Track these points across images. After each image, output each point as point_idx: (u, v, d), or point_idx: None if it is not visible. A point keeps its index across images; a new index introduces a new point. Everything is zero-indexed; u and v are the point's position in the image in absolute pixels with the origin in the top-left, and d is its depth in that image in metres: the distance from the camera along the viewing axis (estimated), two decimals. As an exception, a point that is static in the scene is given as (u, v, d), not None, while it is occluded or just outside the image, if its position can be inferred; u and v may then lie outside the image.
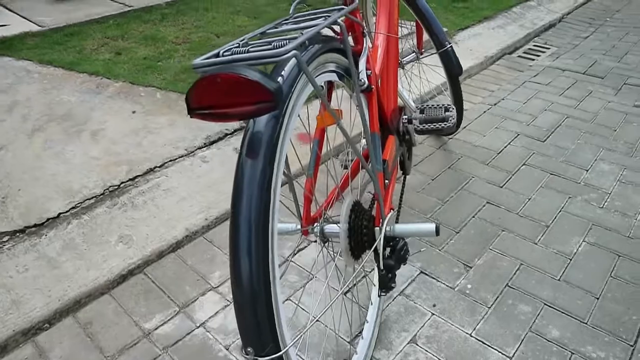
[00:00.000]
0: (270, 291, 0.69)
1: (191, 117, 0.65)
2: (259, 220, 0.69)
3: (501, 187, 1.78)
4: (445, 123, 1.29)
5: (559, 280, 1.38)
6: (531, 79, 2.68)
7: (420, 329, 1.24)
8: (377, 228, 1.01)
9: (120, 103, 2.18)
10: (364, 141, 1.52)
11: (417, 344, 1.20)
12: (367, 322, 1.18)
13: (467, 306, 1.31)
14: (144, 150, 1.85)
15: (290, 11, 0.93)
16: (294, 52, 0.64)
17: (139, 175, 1.72)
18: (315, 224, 1.03)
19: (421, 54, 1.95)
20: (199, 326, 1.26)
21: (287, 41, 0.67)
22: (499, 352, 1.18)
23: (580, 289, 1.35)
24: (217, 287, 1.38)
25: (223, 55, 0.69)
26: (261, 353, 0.68)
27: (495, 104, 2.40)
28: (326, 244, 1.05)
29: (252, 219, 0.69)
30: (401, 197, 1.48)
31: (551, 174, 1.85)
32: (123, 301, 1.33)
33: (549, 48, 3.16)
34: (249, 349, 0.69)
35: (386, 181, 1.13)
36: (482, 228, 1.58)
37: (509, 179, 1.82)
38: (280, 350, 0.69)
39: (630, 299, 1.32)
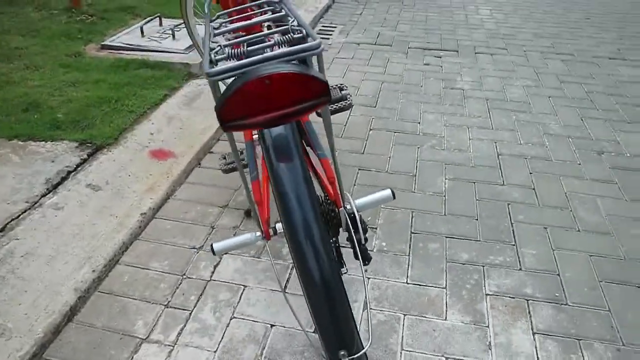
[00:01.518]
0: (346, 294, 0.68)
1: (229, 131, 0.56)
2: (319, 226, 0.66)
3: (362, 153, 1.96)
4: (346, 101, 1.35)
5: (445, 215, 1.62)
6: (337, 56, 2.96)
7: (366, 295, 1.32)
8: (341, 209, 1.02)
9: None
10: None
11: (372, 309, 1.28)
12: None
13: (392, 261, 1.43)
14: (-36, 217, 1.44)
15: (206, 11, 0.86)
16: (323, 45, 0.62)
17: (-25, 249, 1.34)
18: (276, 223, 0.99)
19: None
20: (150, 387, 1.09)
21: (292, 35, 0.63)
22: (435, 287, 1.35)
23: (463, 217, 1.62)
24: (148, 336, 1.20)
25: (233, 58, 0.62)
26: (352, 352, 0.66)
27: (321, 83, 2.58)
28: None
29: (314, 228, 0.64)
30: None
31: (395, 132, 2.11)
32: (34, 402, 1.05)
33: (335, 27, 3.51)
34: (342, 352, 0.66)
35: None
36: (366, 192, 1.72)
37: (365, 145, 2.02)
38: (363, 347, 0.68)
39: (496, 212, 1.64)
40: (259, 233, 1.00)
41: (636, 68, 2.87)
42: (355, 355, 0.67)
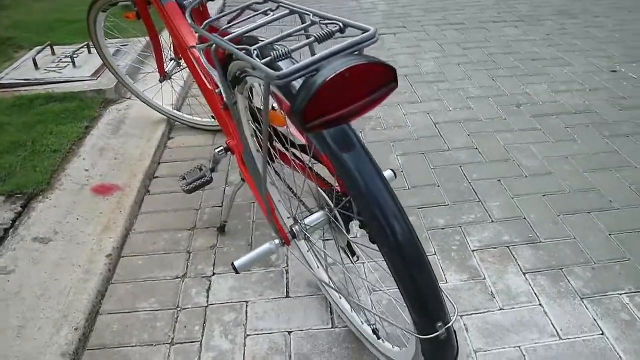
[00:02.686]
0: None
1: (313, 131, 0.54)
2: (401, 208, 0.66)
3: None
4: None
5: (410, 188, 1.70)
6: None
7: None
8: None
9: None
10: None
11: (376, 290, 1.31)
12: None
13: (378, 242, 1.47)
14: None
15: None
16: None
17: None
18: (294, 226, 0.97)
19: (180, 59, 1.88)
20: None
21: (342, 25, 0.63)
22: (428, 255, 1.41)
23: (426, 186, 1.70)
24: (165, 380, 1.11)
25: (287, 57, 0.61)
26: (446, 322, 0.67)
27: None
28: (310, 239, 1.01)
29: (397, 210, 0.65)
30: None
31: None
32: None
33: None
34: (438, 324, 0.67)
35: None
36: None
37: (311, 138, 2.03)
38: (450, 315, 0.70)
39: (452, 176, 1.75)
40: (277, 241, 0.97)
41: (517, 28, 3.20)
42: (449, 324, 0.69)
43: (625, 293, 1.27)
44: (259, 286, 1.34)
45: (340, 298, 1.20)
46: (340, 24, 0.67)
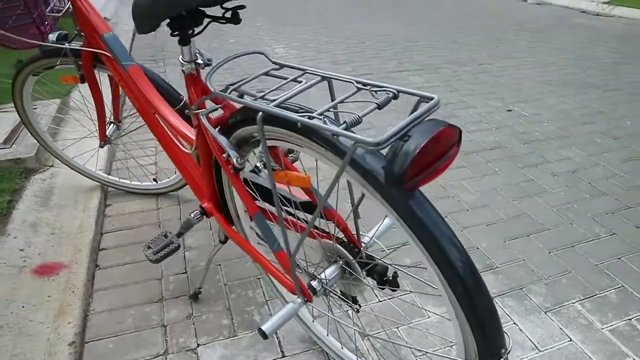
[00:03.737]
0: None
1: (410, 190, 0.58)
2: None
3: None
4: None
5: (371, 231, 1.77)
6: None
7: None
8: (363, 245, 1.05)
9: None
10: None
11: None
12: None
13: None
14: None
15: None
16: None
17: None
18: (315, 281, 0.97)
19: (119, 122, 1.80)
20: None
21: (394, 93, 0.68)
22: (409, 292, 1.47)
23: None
24: None
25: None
26: (506, 348, 0.72)
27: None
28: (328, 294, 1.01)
29: (455, 239, 0.69)
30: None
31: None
32: None
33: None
34: (502, 350, 0.71)
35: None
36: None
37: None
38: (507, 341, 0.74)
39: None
40: (299, 299, 0.97)
41: (420, 76, 3.56)
42: (509, 350, 0.74)
43: (577, 301, 1.45)
44: (250, 350, 1.29)
45: (342, 348, 1.21)
46: (394, 91, 0.73)
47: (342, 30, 5.01)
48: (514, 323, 1.37)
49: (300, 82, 0.83)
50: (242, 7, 0.88)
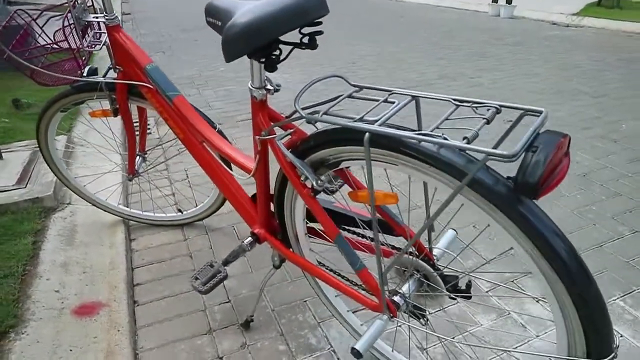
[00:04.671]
0: None
1: (538, 198, 0.61)
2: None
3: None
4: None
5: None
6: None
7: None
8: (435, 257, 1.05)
9: None
10: None
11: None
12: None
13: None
14: None
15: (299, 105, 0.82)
16: None
17: None
18: (397, 296, 0.97)
19: (145, 154, 1.78)
20: None
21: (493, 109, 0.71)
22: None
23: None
24: None
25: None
26: (617, 343, 0.73)
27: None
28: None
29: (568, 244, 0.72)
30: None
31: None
32: None
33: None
34: (613, 346, 0.72)
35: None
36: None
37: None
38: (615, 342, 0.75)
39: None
40: (385, 316, 0.96)
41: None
42: (618, 345, 0.75)
43: (618, 298, 1.49)
44: (312, 375, 1.27)
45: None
46: (496, 105, 0.76)
47: (325, 52, 5.09)
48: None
49: (390, 102, 0.85)
50: (319, 32, 0.90)
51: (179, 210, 1.93)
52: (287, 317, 1.47)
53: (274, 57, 0.90)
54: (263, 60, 0.91)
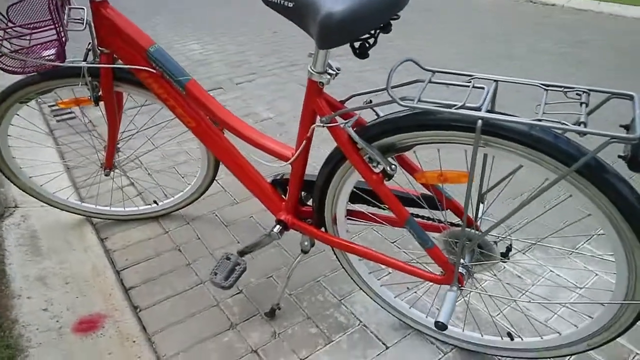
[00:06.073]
0: None
1: None
2: None
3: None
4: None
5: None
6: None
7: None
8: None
9: None
10: None
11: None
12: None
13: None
14: None
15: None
16: None
17: None
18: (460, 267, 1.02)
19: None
20: None
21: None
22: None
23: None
24: None
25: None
26: None
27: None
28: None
29: None
30: None
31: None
32: None
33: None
34: None
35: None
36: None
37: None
38: None
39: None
40: (455, 287, 1.01)
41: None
42: None
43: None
44: (355, 350, 1.30)
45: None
46: (585, 89, 0.80)
47: (252, 23, 4.87)
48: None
49: (469, 87, 0.86)
50: (396, 17, 0.87)
51: (155, 202, 1.78)
52: (307, 300, 1.47)
53: (367, 44, 0.86)
54: (357, 47, 0.87)
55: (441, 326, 0.96)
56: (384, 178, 0.98)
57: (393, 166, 0.95)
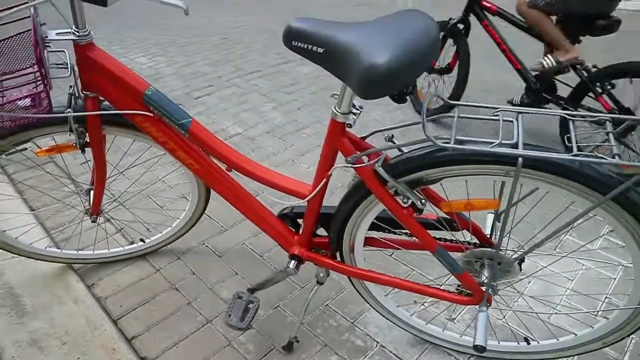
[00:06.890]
0: None
1: None
2: None
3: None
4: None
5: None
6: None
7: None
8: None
9: None
10: None
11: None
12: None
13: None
14: None
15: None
16: None
17: None
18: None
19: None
20: None
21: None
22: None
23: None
24: None
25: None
26: None
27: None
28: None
29: None
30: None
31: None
32: None
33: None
34: None
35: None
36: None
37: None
38: None
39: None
40: (484, 307, 1.04)
41: (310, 65, 3.64)
42: None
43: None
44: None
45: (461, 336, 1.32)
46: (609, 118, 0.84)
47: (197, 28, 4.69)
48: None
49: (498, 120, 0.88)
50: None
51: (141, 240, 1.69)
52: (320, 326, 1.46)
53: (405, 90, 0.85)
54: (395, 94, 0.85)
55: (480, 349, 0.98)
56: (414, 212, 0.98)
57: (423, 200, 0.96)
